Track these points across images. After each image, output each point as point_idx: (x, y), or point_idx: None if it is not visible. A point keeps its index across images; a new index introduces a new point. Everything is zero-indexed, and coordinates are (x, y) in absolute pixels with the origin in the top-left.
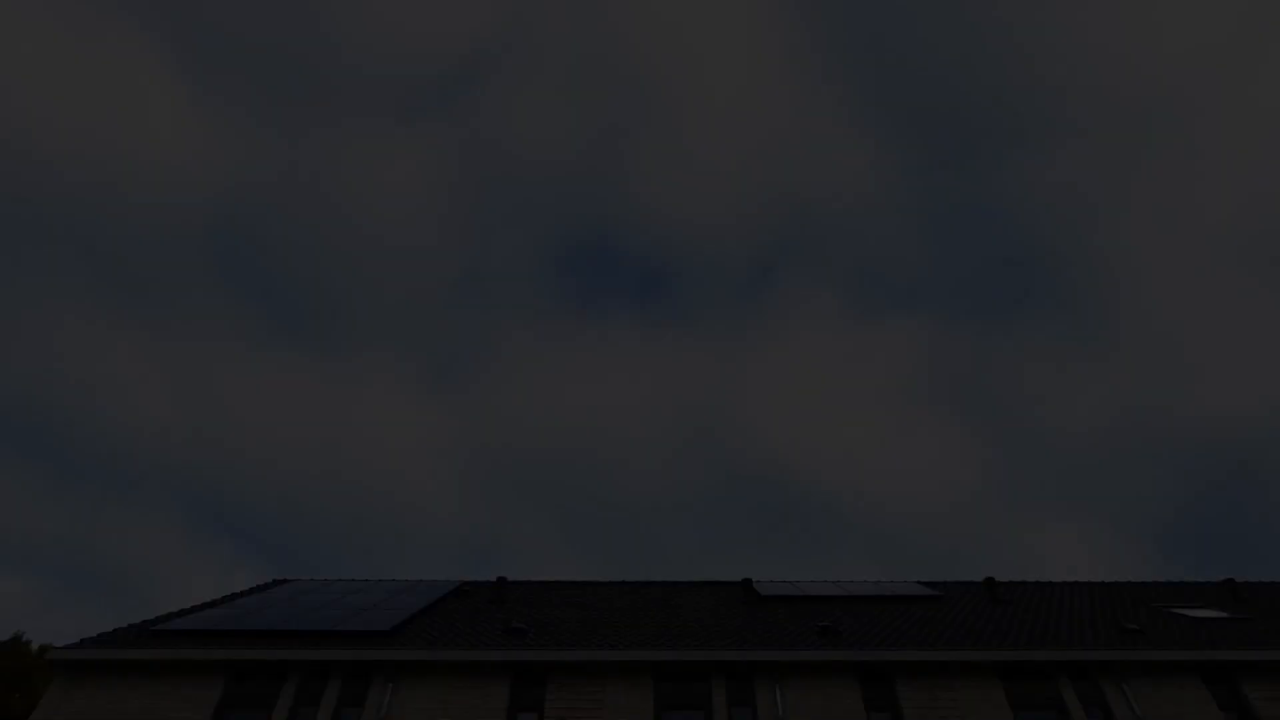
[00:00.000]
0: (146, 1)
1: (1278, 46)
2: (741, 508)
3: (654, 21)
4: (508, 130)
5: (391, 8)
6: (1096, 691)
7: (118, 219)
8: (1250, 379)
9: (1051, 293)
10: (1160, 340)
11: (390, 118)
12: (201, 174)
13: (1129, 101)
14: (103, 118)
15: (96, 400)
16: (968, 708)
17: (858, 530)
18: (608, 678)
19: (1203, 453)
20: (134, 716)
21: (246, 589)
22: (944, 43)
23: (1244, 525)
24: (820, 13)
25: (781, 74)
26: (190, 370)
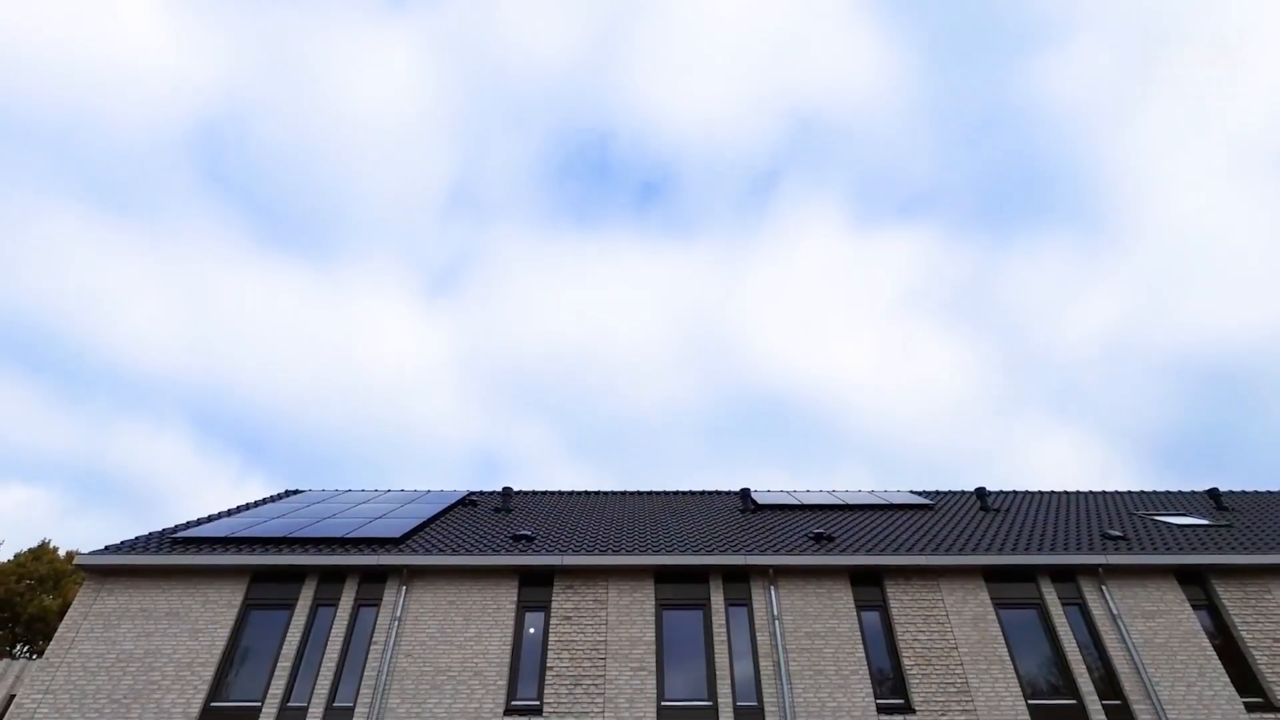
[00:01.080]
0: None
1: None
2: (741, 420)
3: None
4: (500, 28)
5: None
6: (1076, 591)
7: (93, 124)
8: (1259, 292)
9: (1063, 201)
10: (1171, 252)
11: (374, 12)
12: (177, 77)
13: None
14: (69, 19)
15: (95, 314)
16: (952, 606)
17: (855, 442)
18: (611, 579)
19: (1201, 365)
20: (163, 615)
21: (260, 499)
22: None
23: (1235, 437)
24: None
25: None
26: (185, 282)
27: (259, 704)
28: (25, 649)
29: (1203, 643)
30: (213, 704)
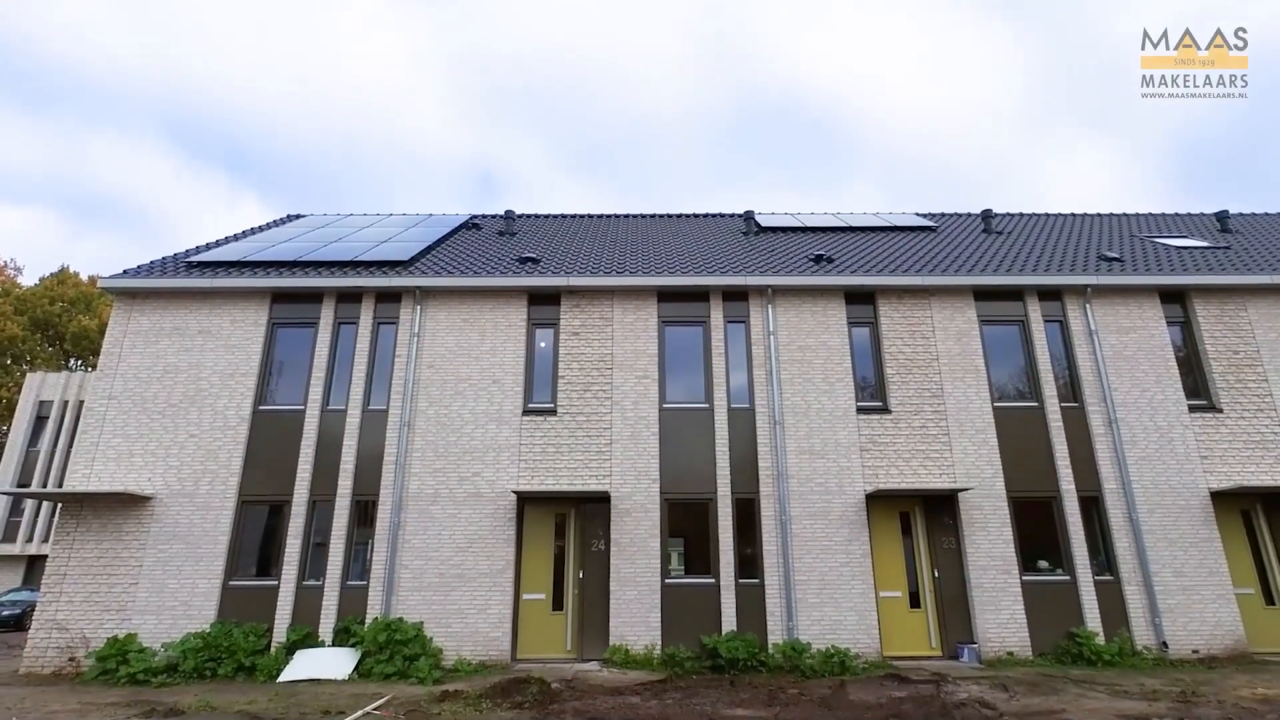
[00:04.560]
0: None
1: None
2: (751, 130)
3: None
4: None
5: None
6: (1060, 310)
7: None
8: None
9: None
10: None
11: None
12: None
13: None
14: None
15: (42, 17)
16: (939, 323)
17: (872, 158)
18: (616, 298)
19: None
20: (196, 333)
21: (266, 223)
22: None
23: (1265, 156)
24: None
25: None
26: None
27: (302, 407)
28: (79, 363)
29: (1167, 355)
30: (260, 408)
